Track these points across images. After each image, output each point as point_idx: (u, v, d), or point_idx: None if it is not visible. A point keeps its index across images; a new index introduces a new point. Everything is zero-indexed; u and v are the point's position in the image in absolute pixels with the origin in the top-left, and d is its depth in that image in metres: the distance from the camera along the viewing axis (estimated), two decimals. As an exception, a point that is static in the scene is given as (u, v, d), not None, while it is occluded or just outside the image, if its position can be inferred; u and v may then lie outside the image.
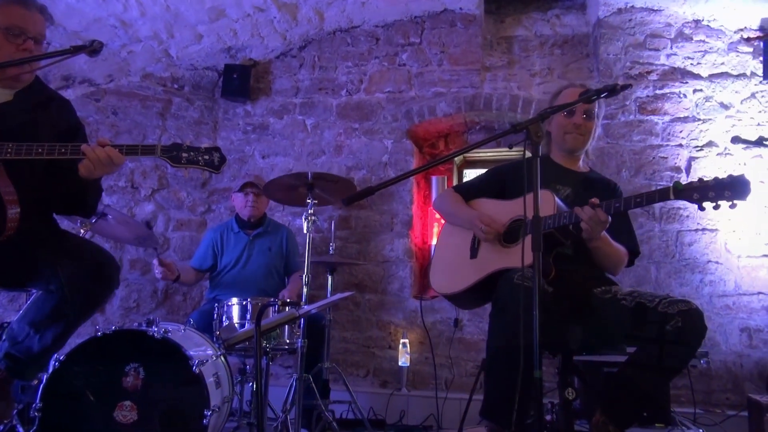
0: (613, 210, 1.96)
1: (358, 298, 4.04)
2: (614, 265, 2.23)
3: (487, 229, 2.22)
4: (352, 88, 4.31)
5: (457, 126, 4.25)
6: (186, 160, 1.95)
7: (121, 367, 2.15)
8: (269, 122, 4.42)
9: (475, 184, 2.55)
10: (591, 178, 2.42)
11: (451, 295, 2.33)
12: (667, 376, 1.97)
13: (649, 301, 1.96)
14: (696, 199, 1.77)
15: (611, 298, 2.09)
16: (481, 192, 2.47)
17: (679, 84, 3.76)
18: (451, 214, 2.49)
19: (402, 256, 4.03)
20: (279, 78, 4.46)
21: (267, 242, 3.62)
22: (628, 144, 3.77)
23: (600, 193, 2.21)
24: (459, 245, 2.39)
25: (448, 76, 4.12)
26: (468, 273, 2.26)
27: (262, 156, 4.39)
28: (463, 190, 2.52)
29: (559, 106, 1.90)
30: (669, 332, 1.85)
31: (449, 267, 2.39)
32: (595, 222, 1.97)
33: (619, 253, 2.21)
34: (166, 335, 2.27)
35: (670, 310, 1.89)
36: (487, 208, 2.38)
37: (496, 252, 2.22)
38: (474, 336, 3.79)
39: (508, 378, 1.79)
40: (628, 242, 2.27)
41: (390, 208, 4.11)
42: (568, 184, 2.31)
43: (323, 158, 4.26)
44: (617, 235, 2.21)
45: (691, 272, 3.57)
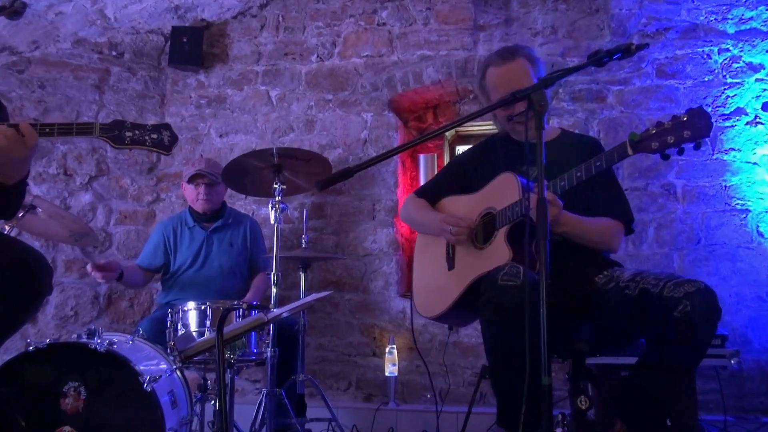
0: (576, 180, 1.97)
1: (337, 298, 4.04)
2: (602, 243, 2.22)
3: (456, 230, 2.24)
4: (324, 52, 4.28)
5: (448, 95, 4.25)
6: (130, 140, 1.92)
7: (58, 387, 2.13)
8: (227, 94, 4.38)
9: (436, 182, 2.58)
10: (563, 144, 2.39)
11: (438, 317, 2.35)
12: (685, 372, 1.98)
13: (653, 286, 1.97)
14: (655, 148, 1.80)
15: (614, 287, 2.10)
16: (445, 190, 2.49)
17: (702, 43, 3.80)
18: (418, 223, 2.52)
19: (386, 248, 4.04)
20: (237, 42, 4.41)
21: (228, 236, 3.60)
22: (645, 113, 3.80)
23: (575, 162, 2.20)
24: (435, 257, 2.41)
25: (436, 37, 4.11)
26: (449, 288, 2.28)
27: (218, 134, 4.35)
28: (426, 193, 2.54)
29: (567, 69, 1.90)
30: (677, 320, 1.86)
31: (429, 285, 2.42)
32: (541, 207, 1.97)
33: (600, 228, 2.20)
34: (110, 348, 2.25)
35: (676, 294, 1.89)
36: (454, 208, 2.41)
37: (473, 256, 2.24)
38: (472, 339, 3.82)
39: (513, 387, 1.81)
40: (617, 210, 2.26)
41: (371, 193, 4.10)
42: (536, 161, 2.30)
43: (291, 136, 4.24)
44: (606, 205, 2.22)
45: (718, 259, 3.63)
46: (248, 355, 2.71)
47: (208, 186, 3.51)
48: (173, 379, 2.46)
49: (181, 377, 2.54)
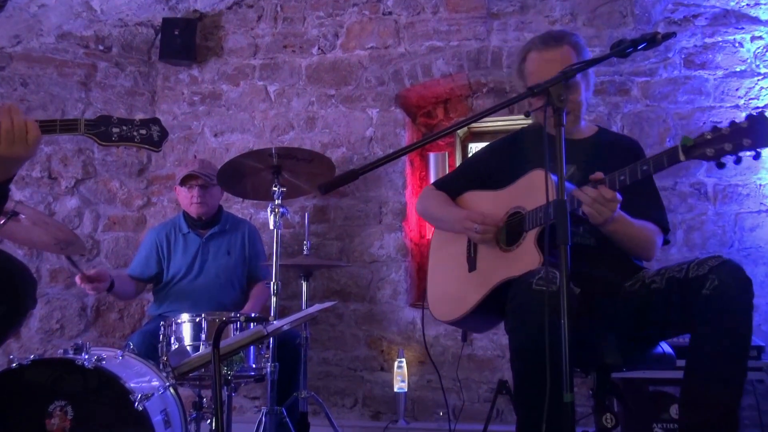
0: (619, 184, 1.95)
1: (341, 308, 4.04)
2: (644, 249, 2.22)
3: (482, 228, 2.22)
4: (326, 44, 4.28)
5: (459, 89, 4.24)
6: (117, 136, 1.93)
7: (43, 407, 2.13)
8: (222, 90, 4.38)
9: (458, 175, 2.56)
10: (600, 143, 2.39)
11: (455, 321, 2.34)
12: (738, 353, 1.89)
13: (677, 272, 1.98)
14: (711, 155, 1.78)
15: (640, 286, 2.10)
16: (467, 184, 2.47)
17: (733, 30, 3.78)
18: (437, 218, 2.50)
19: (394, 254, 4.03)
20: (232, 34, 4.42)
21: (225, 243, 3.61)
22: (673, 106, 3.78)
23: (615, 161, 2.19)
24: (454, 257, 2.40)
25: (446, 26, 4.11)
26: (469, 291, 2.27)
27: (213, 133, 4.36)
28: (446, 186, 2.53)
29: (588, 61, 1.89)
30: (708, 297, 1.86)
31: (447, 286, 2.41)
32: (600, 203, 1.96)
33: (646, 232, 2.20)
34: (99, 364, 2.25)
35: (701, 271, 1.91)
36: (478, 204, 2.39)
37: (498, 258, 2.23)
38: (487, 352, 3.81)
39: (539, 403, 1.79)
40: (656, 217, 2.27)
41: (378, 195, 4.10)
42: (572, 159, 2.29)
43: (291, 134, 4.24)
44: (643, 210, 2.21)
45: (754, 264, 3.60)
46: (247, 370, 2.70)
47: (203, 188, 3.51)
48: (166, 397, 2.46)
49: (174, 395, 2.54)
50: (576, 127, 2.38)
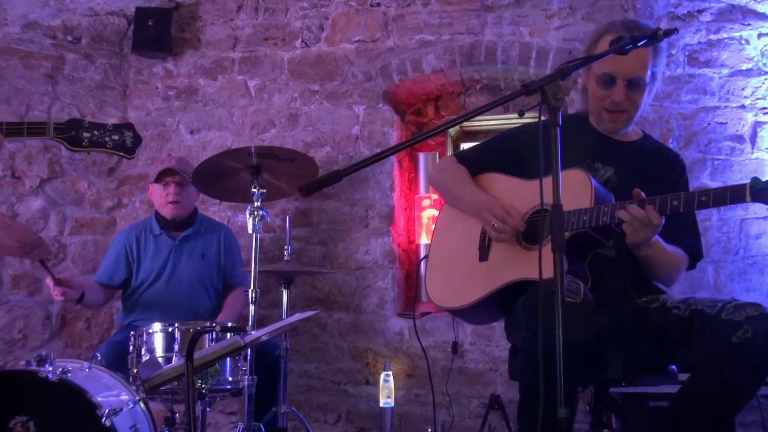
0: (670, 210, 1.94)
1: (324, 318, 4.03)
2: (668, 275, 2.25)
3: (502, 227, 2.19)
4: (310, 37, 4.28)
5: (451, 86, 4.25)
6: (89, 141, 1.94)
7: (3, 422, 2.11)
8: (198, 85, 4.37)
9: (485, 152, 2.49)
10: (644, 149, 2.38)
11: (453, 310, 2.34)
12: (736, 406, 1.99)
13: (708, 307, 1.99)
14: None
15: (659, 307, 2.12)
16: (494, 163, 2.41)
17: (739, 26, 3.81)
18: (453, 195, 2.44)
19: (381, 260, 4.03)
20: (210, 25, 4.40)
21: (199, 247, 3.60)
22: (676, 106, 3.81)
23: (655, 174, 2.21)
24: (464, 240, 2.36)
25: (438, 20, 4.12)
26: (476, 281, 2.26)
27: (189, 130, 4.35)
28: (469, 160, 2.46)
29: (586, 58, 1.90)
30: (736, 346, 1.88)
31: (451, 270, 2.38)
32: (644, 224, 1.96)
33: (676, 260, 2.22)
34: (64, 376, 2.24)
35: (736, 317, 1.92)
36: (501, 190, 2.33)
37: (514, 254, 2.21)
38: (479, 365, 3.82)
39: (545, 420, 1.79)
40: (690, 244, 2.27)
41: (364, 198, 4.10)
42: (611, 162, 2.29)
43: (273, 132, 4.23)
44: (677, 234, 2.21)
45: (759, 273, 3.63)
46: (222, 384, 2.69)
47: (180, 186, 3.50)
48: (136, 411, 2.45)
49: (145, 410, 2.53)
50: (626, 129, 2.37)
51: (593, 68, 2.26)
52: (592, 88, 2.30)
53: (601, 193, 2.11)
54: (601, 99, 2.28)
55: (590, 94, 2.33)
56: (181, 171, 3.48)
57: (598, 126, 2.37)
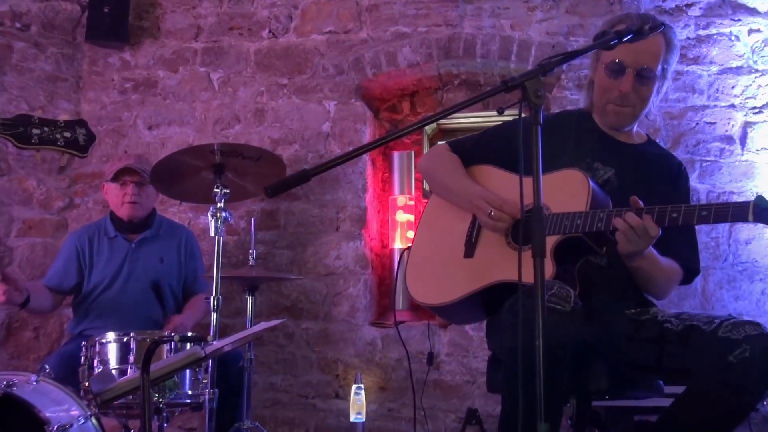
0: (668, 222, 1.96)
1: (291, 327, 4.02)
2: (660, 290, 2.28)
3: (498, 215, 2.18)
4: (278, 27, 4.27)
5: (428, 80, 4.27)
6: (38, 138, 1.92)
7: (-58, 439, 2.08)
8: (158, 77, 4.34)
9: (480, 142, 2.49)
10: (647, 154, 2.40)
11: (434, 307, 2.34)
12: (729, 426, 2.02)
13: (704, 324, 2.01)
14: None
15: (650, 320, 2.14)
16: (489, 155, 2.41)
17: (729, 22, 3.87)
18: (444, 185, 2.44)
19: (353, 266, 4.03)
20: (171, 13, 4.38)
21: (157, 251, 3.58)
22: (663, 104, 3.85)
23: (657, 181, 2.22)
24: (450, 234, 2.37)
25: (414, 10, 4.13)
26: (460, 279, 2.26)
27: (147, 126, 4.32)
28: (463, 150, 2.46)
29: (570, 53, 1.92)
30: (732, 366, 1.90)
31: (433, 265, 2.38)
32: (639, 234, 1.98)
33: (670, 273, 2.24)
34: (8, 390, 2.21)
35: (734, 335, 1.94)
36: (495, 183, 2.33)
37: (502, 253, 2.22)
38: (455, 377, 3.83)
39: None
40: (685, 256, 2.29)
41: (335, 199, 4.10)
42: (612, 162, 2.31)
43: (237, 128, 4.22)
44: (673, 246, 2.23)
45: (749, 280, 3.69)
46: (181, 397, 2.68)
47: (139, 186, 3.48)
48: (87, 428, 2.42)
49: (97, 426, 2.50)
50: (629, 127, 2.38)
51: (602, 57, 2.29)
52: (599, 78, 2.32)
53: (598, 196, 2.12)
54: (607, 90, 2.30)
55: (597, 85, 2.34)
56: (141, 170, 3.46)
57: (601, 124, 2.38)
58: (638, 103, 2.30)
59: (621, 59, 2.22)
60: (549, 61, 1.74)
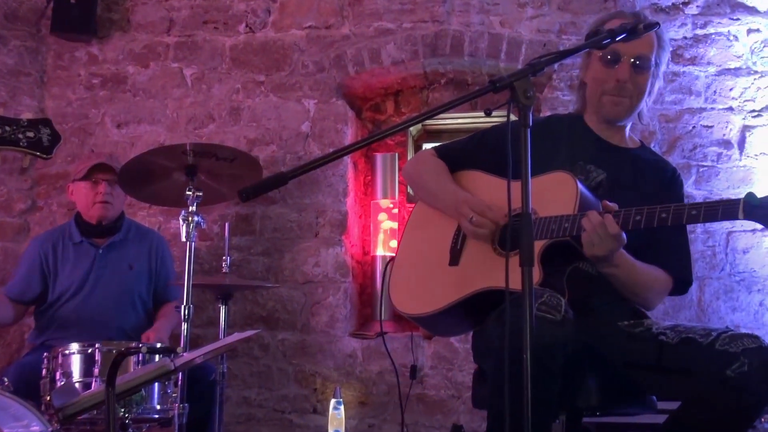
0: (657, 222, 1.97)
1: (267, 338, 4.01)
2: (645, 300, 2.28)
3: (479, 221, 2.20)
4: (255, 21, 4.27)
5: (413, 79, 4.28)
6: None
7: None
8: (127, 72, 4.33)
9: (467, 147, 2.52)
10: (641, 159, 2.43)
11: (418, 318, 2.35)
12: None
13: (701, 336, 2.03)
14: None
15: (644, 332, 2.15)
16: (476, 160, 2.44)
17: (728, 21, 3.91)
18: (429, 191, 2.46)
19: (333, 273, 4.03)
20: (142, 5, 4.36)
21: (126, 257, 3.56)
22: (658, 107, 3.88)
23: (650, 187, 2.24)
24: (435, 242, 2.38)
25: (399, 5, 4.14)
26: (444, 288, 2.27)
27: (116, 124, 4.30)
28: (449, 156, 2.49)
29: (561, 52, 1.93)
30: (729, 380, 1.92)
31: (418, 274, 2.39)
32: (601, 236, 2.00)
33: (651, 282, 2.25)
34: (-35, 404, 2.19)
35: (732, 348, 1.95)
36: (482, 189, 2.35)
37: (488, 260, 2.23)
38: (440, 392, 3.83)
39: None
40: (676, 265, 2.30)
41: (314, 203, 4.10)
42: (605, 166, 2.33)
43: (211, 127, 4.21)
44: (663, 254, 2.25)
45: (747, 291, 3.72)
46: (149, 412, 2.67)
47: (111, 185, 3.46)
48: (49, 445, 2.40)
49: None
50: (624, 121, 2.41)
51: (593, 56, 2.33)
52: (594, 71, 2.34)
53: (587, 199, 2.14)
54: (603, 81, 2.32)
55: (591, 79, 2.37)
56: (115, 167, 3.44)
57: (594, 126, 2.41)
58: (635, 94, 2.33)
59: (616, 48, 2.24)
60: (539, 61, 1.76)
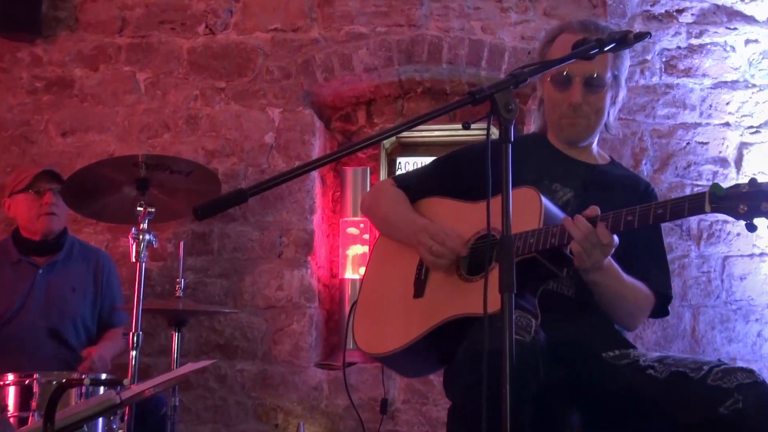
0: (624, 226, 2.02)
1: (224, 368, 3.99)
2: (629, 314, 2.30)
3: (439, 250, 2.23)
4: (216, 22, 4.27)
5: (387, 88, 4.30)
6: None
7: None
8: (74, 76, 4.31)
9: (427, 174, 2.57)
10: (610, 175, 2.47)
11: (384, 357, 2.35)
12: None
13: (691, 370, 2.04)
14: (743, 212, 1.84)
15: (631, 365, 2.16)
16: (437, 186, 2.48)
17: (724, 30, 3.97)
18: (389, 222, 2.50)
19: (297, 298, 4.02)
20: (92, 2, 4.36)
21: (69, 278, 3.55)
22: (650, 121, 3.93)
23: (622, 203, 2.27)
24: (398, 275, 2.40)
25: (373, 8, 4.16)
26: (410, 322, 2.27)
27: (61, 132, 4.28)
28: (408, 184, 2.53)
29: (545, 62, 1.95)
30: (724, 417, 1.93)
31: (381, 311, 2.41)
32: (592, 244, 2.02)
33: (635, 293, 2.27)
34: None
35: (726, 384, 1.96)
36: (443, 214, 2.39)
37: (454, 288, 2.24)
38: (413, 428, 3.83)
39: None
40: (655, 278, 2.34)
41: (278, 221, 4.09)
42: (571, 184, 2.37)
43: (166, 137, 4.20)
44: (640, 267, 2.28)
45: (744, 320, 3.75)
46: (93, 450, 2.64)
47: (56, 196, 3.44)
48: (-21, 486, 2.37)
49: (-9, 484, 2.46)
50: (586, 141, 2.45)
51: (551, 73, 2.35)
52: (548, 93, 2.41)
53: (552, 213, 2.16)
54: (557, 105, 2.38)
55: (546, 101, 2.43)
56: (61, 176, 3.43)
57: (558, 144, 2.44)
58: (592, 114, 2.37)
59: (566, 70, 2.28)
60: (522, 71, 1.77)
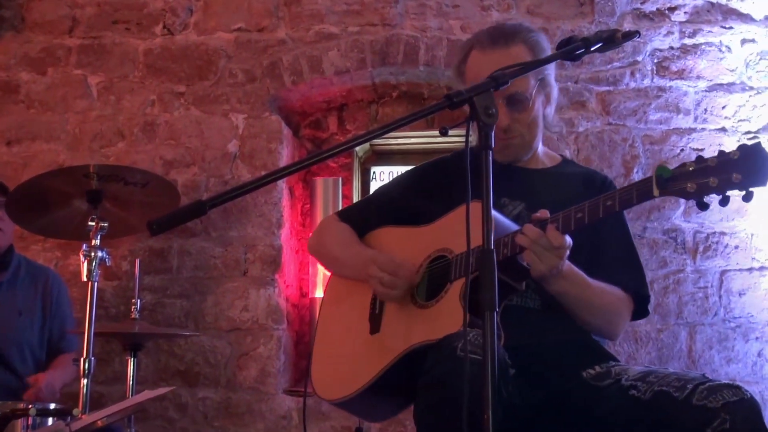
0: (575, 224, 2.03)
1: (185, 396, 3.97)
2: (605, 321, 2.30)
3: (390, 281, 2.25)
4: (175, 21, 4.27)
5: (360, 92, 4.31)
6: None
7: None
8: (20, 80, 4.30)
9: (370, 204, 2.61)
10: (562, 176, 2.48)
11: (344, 402, 2.35)
12: None
13: (675, 389, 2.05)
14: (692, 192, 1.88)
15: (613, 385, 2.17)
16: (383, 216, 2.52)
17: (719, 29, 4.01)
18: (336, 259, 2.54)
19: (264, 319, 4.01)
20: (39, 0, 4.35)
21: (15, 300, 3.54)
22: (642, 126, 3.96)
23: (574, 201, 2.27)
24: (353, 313, 2.42)
25: (344, 6, 4.17)
26: (367, 360, 2.29)
27: (5, 141, 4.26)
28: (353, 217, 2.57)
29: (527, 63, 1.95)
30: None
31: (338, 353, 2.43)
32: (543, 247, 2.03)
33: (606, 298, 2.27)
34: None
35: (711, 403, 1.98)
36: (392, 243, 2.43)
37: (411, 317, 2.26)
38: (390, 458, 3.83)
39: None
40: (628, 279, 2.34)
41: (242, 236, 4.09)
42: (520, 195, 2.39)
43: (121, 145, 4.19)
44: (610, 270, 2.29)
45: (743, 339, 3.78)
46: (40, 487, 2.63)
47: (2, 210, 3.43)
48: None
49: None
50: (528, 154, 2.46)
51: None
52: None
53: (503, 224, 2.17)
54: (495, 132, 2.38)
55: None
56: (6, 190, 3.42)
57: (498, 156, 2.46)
58: (525, 130, 2.39)
59: None
60: (503, 73, 1.78)
